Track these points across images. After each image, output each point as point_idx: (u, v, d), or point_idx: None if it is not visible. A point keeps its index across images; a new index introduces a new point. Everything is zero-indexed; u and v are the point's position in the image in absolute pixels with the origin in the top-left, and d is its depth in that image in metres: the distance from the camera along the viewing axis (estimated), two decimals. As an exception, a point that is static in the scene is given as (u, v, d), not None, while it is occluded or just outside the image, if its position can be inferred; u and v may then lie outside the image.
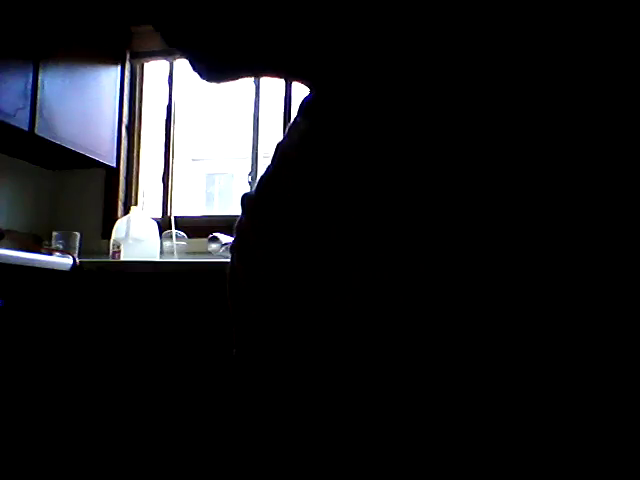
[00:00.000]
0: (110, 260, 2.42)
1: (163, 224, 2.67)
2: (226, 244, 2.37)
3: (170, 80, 2.92)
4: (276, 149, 0.56)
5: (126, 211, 2.80)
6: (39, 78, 2.34)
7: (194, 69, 0.52)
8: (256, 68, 0.54)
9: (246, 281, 0.55)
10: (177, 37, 0.52)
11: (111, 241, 2.57)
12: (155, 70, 3.00)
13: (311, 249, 0.49)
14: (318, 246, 0.49)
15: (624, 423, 0.42)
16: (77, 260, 2.19)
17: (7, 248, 2.02)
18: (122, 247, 2.51)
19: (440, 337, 0.43)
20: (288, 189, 0.53)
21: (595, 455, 0.42)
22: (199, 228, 2.64)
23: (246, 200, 0.57)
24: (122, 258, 2.44)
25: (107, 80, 2.76)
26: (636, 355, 0.40)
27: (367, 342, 0.45)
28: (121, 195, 2.87)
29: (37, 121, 2.32)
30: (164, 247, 2.56)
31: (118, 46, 2.84)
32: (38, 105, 2.32)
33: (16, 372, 1.92)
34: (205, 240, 2.48)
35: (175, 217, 2.66)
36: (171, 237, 2.59)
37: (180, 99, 2.93)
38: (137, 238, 2.53)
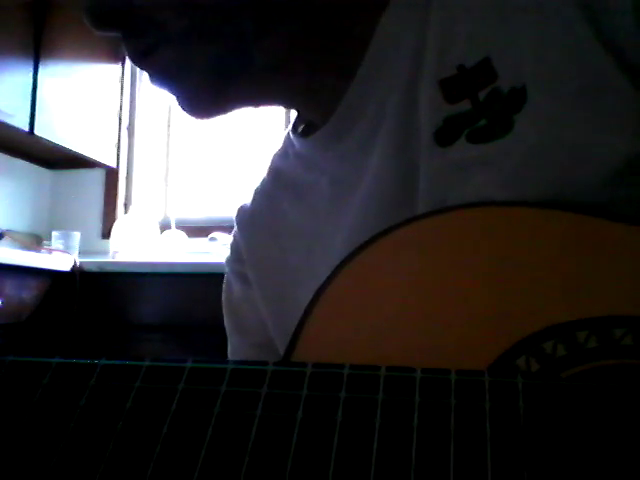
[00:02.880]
0: (110, 260, 2.42)
1: (163, 224, 2.67)
2: (225, 244, 2.36)
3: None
4: (271, 160, 0.56)
5: (126, 211, 2.81)
6: (39, 78, 2.34)
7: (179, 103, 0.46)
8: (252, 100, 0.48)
9: (241, 294, 0.55)
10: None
11: (111, 241, 2.57)
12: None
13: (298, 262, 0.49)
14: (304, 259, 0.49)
15: None
16: (77, 260, 2.19)
17: (7, 248, 2.02)
18: (122, 247, 2.51)
19: None
20: (277, 201, 0.52)
21: None
22: (199, 228, 2.64)
23: (239, 213, 0.56)
24: (122, 258, 2.44)
25: (107, 80, 2.76)
26: None
27: None
28: (121, 195, 2.87)
29: (37, 121, 2.32)
30: (164, 247, 2.56)
31: (118, 46, 2.84)
32: (38, 105, 2.32)
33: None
34: (205, 240, 2.48)
35: (175, 217, 2.66)
36: (171, 237, 2.59)
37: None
38: (137, 238, 2.53)
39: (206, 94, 0.45)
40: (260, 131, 2.75)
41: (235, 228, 0.57)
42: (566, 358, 0.29)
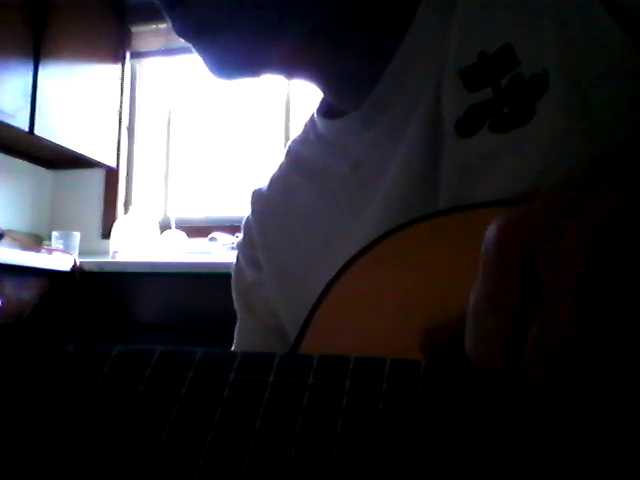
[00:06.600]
0: (110, 260, 2.42)
1: (163, 224, 2.67)
2: (225, 244, 2.37)
3: (170, 80, 2.92)
4: (289, 146, 0.56)
5: (126, 211, 2.81)
6: (39, 78, 2.34)
7: (207, 63, 0.45)
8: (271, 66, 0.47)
9: (252, 279, 0.55)
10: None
11: (111, 241, 2.57)
12: (155, 70, 3.00)
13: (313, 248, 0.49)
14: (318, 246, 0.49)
15: None
16: (77, 260, 2.19)
17: (7, 248, 2.02)
18: (122, 247, 2.51)
19: None
20: (294, 187, 0.52)
21: None
22: (199, 228, 2.64)
23: (254, 196, 0.57)
24: (122, 258, 2.44)
25: (107, 80, 2.77)
26: None
27: None
28: (121, 195, 2.87)
29: (37, 121, 2.32)
30: (164, 247, 2.56)
31: (118, 46, 2.84)
32: (38, 105, 2.32)
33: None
34: (205, 240, 2.49)
35: (175, 217, 2.66)
36: (171, 237, 2.59)
37: (180, 99, 2.93)
38: (137, 238, 2.53)
39: (240, 54, 0.44)
40: (260, 131, 2.75)
41: (249, 212, 0.57)
42: None
